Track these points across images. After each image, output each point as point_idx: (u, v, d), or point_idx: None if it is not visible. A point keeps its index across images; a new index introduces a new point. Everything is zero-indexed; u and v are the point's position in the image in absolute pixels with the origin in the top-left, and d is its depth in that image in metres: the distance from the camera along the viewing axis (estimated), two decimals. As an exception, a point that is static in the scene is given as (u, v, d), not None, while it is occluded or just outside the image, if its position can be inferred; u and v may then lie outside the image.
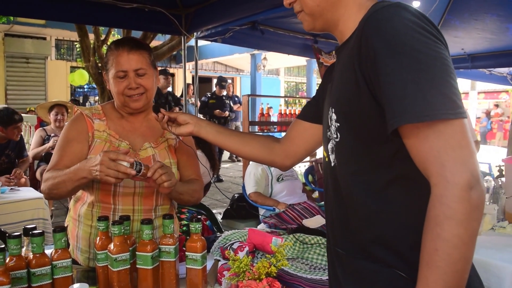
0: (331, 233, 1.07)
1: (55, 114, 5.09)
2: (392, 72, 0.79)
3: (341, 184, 0.96)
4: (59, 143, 1.64)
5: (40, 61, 12.68)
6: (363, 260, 0.92)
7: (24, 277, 1.21)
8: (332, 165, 0.99)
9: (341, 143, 0.95)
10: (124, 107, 1.68)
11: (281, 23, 5.28)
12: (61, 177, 1.50)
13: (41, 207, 3.41)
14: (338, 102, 0.95)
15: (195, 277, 1.38)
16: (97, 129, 1.64)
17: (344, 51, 0.99)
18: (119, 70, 1.59)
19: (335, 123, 0.96)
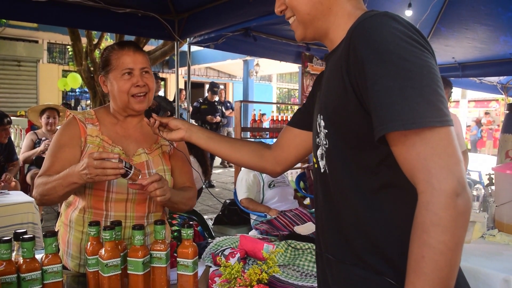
0: (322, 239, 1.07)
1: (47, 118, 5.07)
2: (379, 80, 0.80)
3: (331, 190, 0.97)
4: (51, 148, 1.63)
5: (32, 64, 12.60)
6: (353, 267, 0.93)
7: (14, 282, 1.20)
8: (322, 171, 1.01)
9: (330, 149, 0.96)
10: (125, 109, 1.66)
11: (274, 30, 5.32)
12: (51, 183, 1.49)
13: (31, 211, 3.38)
14: (326, 109, 0.97)
15: (186, 283, 1.38)
16: (90, 134, 1.63)
17: (332, 58, 1.00)
18: (126, 68, 1.60)
19: (323, 129, 0.97)
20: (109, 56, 1.64)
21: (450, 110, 0.85)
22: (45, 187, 1.51)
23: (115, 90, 1.62)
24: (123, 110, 1.68)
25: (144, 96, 1.64)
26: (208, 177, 5.03)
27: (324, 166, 1.00)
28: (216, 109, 8.39)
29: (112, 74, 1.62)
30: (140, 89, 1.62)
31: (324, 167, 1.00)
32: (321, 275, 1.09)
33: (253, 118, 5.32)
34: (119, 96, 1.62)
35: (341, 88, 0.90)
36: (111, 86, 1.64)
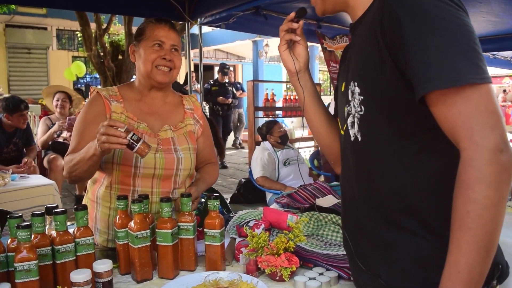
0: (350, 208, 1.07)
1: (57, 100, 5.12)
2: (417, 40, 0.80)
3: (365, 157, 0.98)
4: (77, 126, 1.64)
5: (41, 51, 12.65)
6: (390, 231, 0.94)
7: (49, 254, 1.23)
8: (353, 139, 1.00)
9: (366, 116, 0.95)
10: (148, 79, 1.67)
11: (284, 8, 5.25)
12: (76, 158, 1.52)
13: (52, 194, 3.45)
14: (361, 76, 0.96)
15: (214, 254, 1.41)
16: (114, 111, 1.64)
17: (362, 26, 1.00)
18: (157, 39, 1.63)
19: (358, 96, 0.96)
20: (145, 27, 1.68)
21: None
22: (71, 163, 1.54)
23: (142, 59, 1.64)
24: (146, 81, 1.69)
25: (169, 71, 1.66)
26: (222, 157, 5.07)
27: (355, 134, 0.99)
28: (227, 90, 8.38)
29: (143, 43, 1.65)
30: (166, 62, 1.64)
31: (354, 135, 0.99)
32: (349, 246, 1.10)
33: (266, 98, 5.31)
34: (144, 65, 1.64)
35: (376, 53, 0.89)
36: (139, 55, 1.66)
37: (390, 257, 0.94)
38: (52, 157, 4.78)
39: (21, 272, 1.10)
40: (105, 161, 1.61)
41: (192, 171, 1.76)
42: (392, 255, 0.93)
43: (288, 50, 1.24)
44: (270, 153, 4.07)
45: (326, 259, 1.43)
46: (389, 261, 0.94)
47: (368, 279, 0.99)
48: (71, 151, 1.59)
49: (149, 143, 1.62)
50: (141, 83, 1.71)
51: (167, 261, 1.37)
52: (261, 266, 1.34)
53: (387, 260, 0.94)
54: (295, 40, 1.22)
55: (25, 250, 1.11)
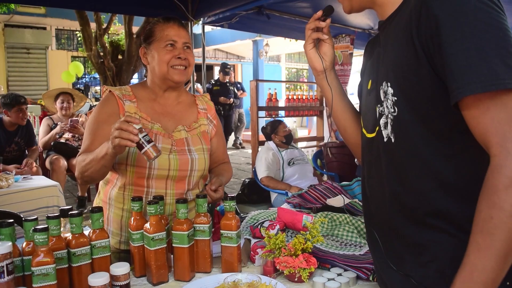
0: (375, 207, 1.06)
1: (61, 102, 5.09)
2: (455, 42, 0.78)
3: (398, 159, 0.95)
4: (90, 126, 1.61)
5: (40, 51, 12.62)
6: (423, 232, 0.92)
7: (65, 257, 1.21)
8: (385, 141, 0.98)
9: (399, 117, 0.93)
10: (164, 80, 1.65)
11: (287, 8, 5.24)
12: (88, 158, 1.49)
13: (56, 195, 3.42)
14: (395, 77, 0.93)
15: (230, 255, 1.39)
16: (128, 111, 1.62)
17: (394, 24, 0.97)
18: (169, 39, 1.61)
19: (391, 97, 0.94)
20: (153, 28, 1.65)
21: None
22: (83, 163, 1.51)
23: (156, 61, 1.62)
24: (162, 82, 1.67)
25: (184, 69, 1.64)
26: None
27: (388, 135, 0.97)
28: (229, 90, 8.37)
29: (154, 45, 1.63)
30: (180, 61, 1.62)
31: (387, 136, 0.97)
32: (377, 247, 1.08)
33: (269, 97, 5.30)
34: (159, 66, 1.62)
35: (411, 54, 0.87)
36: (152, 57, 1.64)
37: (424, 258, 0.92)
38: (54, 158, 4.75)
39: (39, 277, 1.08)
40: (118, 162, 1.58)
41: (206, 172, 1.74)
42: (426, 256, 0.92)
43: (315, 49, 1.21)
44: (275, 153, 4.06)
45: (343, 259, 1.41)
46: (423, 262, 0.92)
47: (399, 279, 0.98)
48: (83, 151, 1.56)
49: (163, 144, 1.60)
50: (156, 83, 1.69)
51: (184, 263, 1.35)
52: (279, 267, 1.32)
53: (421, 261, 0.93)
54: (322, 39, 1.20)
55: (42, 254, 1.09)
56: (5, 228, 1.14)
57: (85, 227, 1.40)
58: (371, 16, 5.96)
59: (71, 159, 4.92)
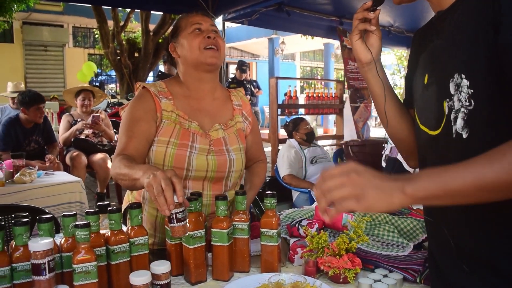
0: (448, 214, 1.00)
1: (82, 100, 5.10)
2: None
3: (470, 156, 0.89)
4: (125, 124, 1.55)
5: (58, 48, 12.75)
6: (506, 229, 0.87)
7: (104, 254, 1.17)
8: (454, 137, 0.92)
9: (476, 111, 0.87)
10: (198, 65, 1.59)
11: (307, 4, 5.20)
12: (122, 169, 1.36)
13: (78, 191, 3.41)
14: (472, 67, 0.87)
15: (270, 254, 1.34)
16: (165, 109, 1.56)
17: (460, 13, 0.91)
18: (195, 23, 1.59)
19: (467, 89, 0.87)
20: (178, 22, 1.64)
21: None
22: (118, 170, 1.40)
23: (186, 48, 1.57)
24: (195, 69, 1.61)
25: (216, 51, 1.58)
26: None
27: (456, 130, 0.91)
28: (246, 88, 8.32)
29: (182, 35, 1.60)
30: (211, 40, 1.57)
31: (456, 132, 0.91)
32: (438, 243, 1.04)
33: (289, 95, 5.24)
34: (190, 52, 1.57)
35: (486, 43, 0.82)
36: (181, 47, 1.60)
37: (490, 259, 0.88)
38: (75, 154, 4.75)
39: (80, 274, 1.04)
40: (154, 163, 1.53)
41: (243, 172, 1.69)
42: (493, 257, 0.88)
43: (361, 40, 1.15)
44: (297, 150, 4.00)
45: (387, 260, 1.36)
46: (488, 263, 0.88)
47: (471, 282, 0.92)
48: (120, 151, 1.49)
49: (201, 144, 1.55)
50: (189, 74, 1.63)
51: (223, 262, 1.30)
52: (323, 267, 1.27)
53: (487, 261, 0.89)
54: (370, 30, 1.14)
55: (83, 251, 1.05)
56: (44, 223, 1.11)
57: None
58: (391, 14, 5.87)
59: (91, 155, 4.92)
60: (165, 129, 1.54)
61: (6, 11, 7.94)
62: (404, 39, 6.73)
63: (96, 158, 4.92)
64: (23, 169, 3.33)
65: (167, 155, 1.53)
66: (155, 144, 1.54)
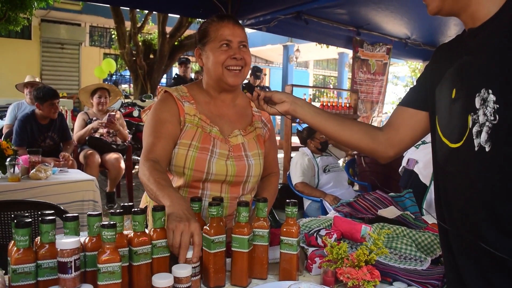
0: (466, 224, 1.02)
1: (98, 98, 5.14)
2: None
3: (495, 169, 0.91)
4: (151, 126, 1.57)
5: (74, 47, 12.89)
6: None
7: (126, 255, 1.18)
8: (477, 149, 0.94)
9: (500, 125, 0.90)
10: (219, 83, 1.61)
11: (325, 14, 5.21)
12: (153, 184, 1.39)
13: (92, 189, 3.43)
14: (500, 83, 0.90)
15: (289, 263, 1.34)
16: (188, 112, 1.59)
17: (491, 31, 0.94)
18: (224, 39, 1.56)
19: (493, 104, 0.90)
20: (208, 28, 1.61)
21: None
22: (147, 182, 1.42)
23: (210, 62, 1.58)
24: (216, 84, 1.63)
25: (240, 71, 1.59)
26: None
27: (480, 144, 0.93)
28: (258, 93, 8.34)
29: (209, 46, 1.59)
30: (236, 61, 1.57)
31: (479, 145, 0.94)
32: (450, 259, 1.05)
33: (303, 103, 5.25)
34: (214, 68, 1.58)
35: None
36: (207, 58, 1.60)
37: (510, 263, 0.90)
38: (89, 153, 4.79)
39: (105, 274, 1.05)
40: (175, 164, 1.56)
41: (260, 177, 1.70)
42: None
43: (269, 106, 1.43)
44: (310, 158, 4.00)
45: (405, 273, 1.36)
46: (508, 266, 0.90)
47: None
48: (148, 153, 1.50)
49: (221, 149, 1.58)
50: (211, 85, 1.65)
51: (242, 268, 1.31)
52: (342, 278, 1.27)
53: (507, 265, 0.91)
54: (268, 98, 1.42)
55: (108, 251, 1.06)
56: (70, 222, 1.12)
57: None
58: (409, 26, 5.87)
59: (104, 154, 4.96)
60: (188, 132, 1.57)
61: (26, 8, 8.06)
62: (420, 52, 6.71)
63: (109, 157, 4.96)
64: (38, 165, 3.36)
65: (188, 158, 1.55)
66: (177, 146, 1.57)
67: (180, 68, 7.08)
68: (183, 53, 10.31)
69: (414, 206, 2.09)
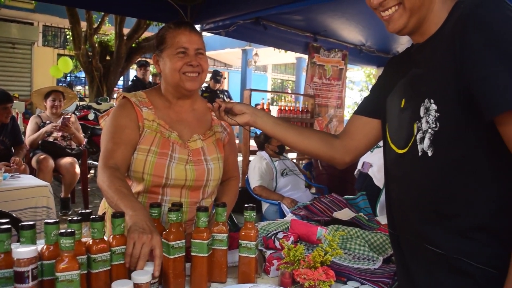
0: (406, 223, 1.09)
1: (52, 100, 4.99)
2: (491, 63, 0.84)
3: (436, 172, 0.99)
4: (111, 131, 1.56)
5: (26, 47, 12.41)
6: (461, 243, 0.96)
7: (85, 263, 1.18)
8: (421, 154, 1.02)
9: (441, 132, 0.97)
10: (177, 88, 1.63)
11: (284, 20, 5.29)
12: (114, 193, 1.38)
13: (46, 195, 3.33)
14: (440, 93, 0.98)
15: (247, 266, 1.37)
16: (147, 118, 1.60)
17: (434, 46, 1.02)
18: (180, 47, 1.58)
19: (434, 113, 0.98)
20: (165, 35, 1.62)
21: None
22: (107, 189, 1.41)
23: (168, 68, 1.60)
24: (174, 90, 1.65)
25: (197, 76, 1.61)
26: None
27: (423, 149, 1.01)
28: (219, 98, 8.34)
29: (166, 52, 1.60)
30: (193, 68, 1.59)
31: (422, 150, 1.01)
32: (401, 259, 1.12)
33: (262, 107, 5.31)
34: (171, 74, 1.59)
35: (452, 72, 0.93)
36: (164, 64, 1.61)
37: (460, 268, 0.96)
38: (42, 157, 4.64)
39: (63, 283, 1.04)
40: (134, 170, 1.56)
41: (220, 181, 1.73)
42: (462, 266, 0.96)
43: (230, 117, 1.46)
44: (268, 162, 4.06)
45: (358, 273, 1.42)
46: (459, 272, 0.96)
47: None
48: (107, 160, 1.49)
49: (180, 154, 1.60)
50: (169, 91, 1.67)
51: (201, 272, 1.33)
52: (299, 279, 1.32)
53: (457, 271, 0.97)
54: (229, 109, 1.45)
55: (67, 259, 1.05)
56: (27, 230, 1.11)
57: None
58: (364, 33, 6.05)
59: (58, 159, 4.82)
60: (147, 138, 1.58)
61: (-26, 6, 7.71)
62: (374, 58, 6.94)
63: (64, 162, 4.82)
64: (-12, 171, 3.24)
65: (147, 163, 1.55)
66: (136, 152, 1.57)
67: (139, 71, 6.99)
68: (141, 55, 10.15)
69: (367, 208, 2.18)
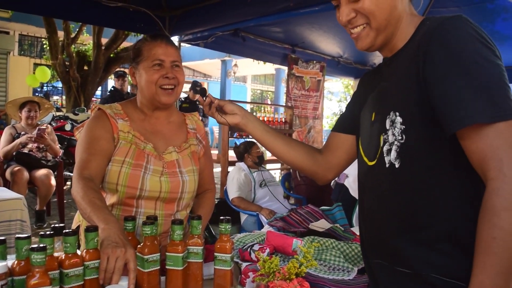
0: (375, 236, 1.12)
1: (28, 111, 4.91)
2: (452, 79, 0.89)
3: (403, 183, 1.01)
4: (86, 141, 1.56)
5: (2, 56, 12.17)
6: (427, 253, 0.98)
7: (57, 278, 1.16)
8: (388, 166, 1.04)
9: (407, 144, 1.00)
10: (152, 101, 1.63)
11: (262, 31, 5.35)
12: (87, 205, 1.38)
13: (20, 208, 3.26)
14: (404, 106, 1.01)
15: (223, 278, 1.38)
16: (122, 129, 1.59)
17: (400, 61, 1.06)
18: (156, 59, 1.59)
19: (400, 125, 1.01)
20: (141, 47, 1.63)
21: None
22: (81, 200, 1.40)
23: (143, 81, 1.60)
24: (150, 103, 1.65)
25: (172, 90, 1.62)
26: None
27: (390, 161, 1.04)
28: (198, 109, 8.32)
29: (142, 65, 1.61)
30: (169, 81, 1.60)
31: (390, 162, 1.04)
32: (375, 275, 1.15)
33: (240, 118, 5.31)
34: (146, 86, 1.60)
35: (415, 87, 0.97)
36: (140, 76, 1.62)
37: (426, 281, 0.98)
38: (16, 169, 4.54)
39: (34, 298, 1.03)
40: (108, 181, 1.55)
41: (195, 193, 1.73)
42: (428, 280, 0.98)
43: (220, 115, 1.39)
44: (247, 174, 4.07)
45: (333, 284, 1.44)
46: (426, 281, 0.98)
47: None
48: (82, 170, 1.49)
49: (155, 166, 1.60)
50: (144, 104, 1.68)
51: (177, 285, 1.32)
52: (274, 292, 1.32)
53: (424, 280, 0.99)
54: (221, 106, 1.38)
55: (38, 275, 1.04)
56: (-3, 245, 1.09)
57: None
58: (341, 45, 6.16)
59: (33, 170, 4.73)
60: (121, 149, 1.57)
61: None
62: (352, 69, 7.07)
63: (39, 173, 4.73)
64: (-40, 183, 3.16)
65: (122, 174, 1.55)
66: (111, 163, 1.57)
67: (117, 81, 6.93)
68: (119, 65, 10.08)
69: (343, 219, 2.20)
